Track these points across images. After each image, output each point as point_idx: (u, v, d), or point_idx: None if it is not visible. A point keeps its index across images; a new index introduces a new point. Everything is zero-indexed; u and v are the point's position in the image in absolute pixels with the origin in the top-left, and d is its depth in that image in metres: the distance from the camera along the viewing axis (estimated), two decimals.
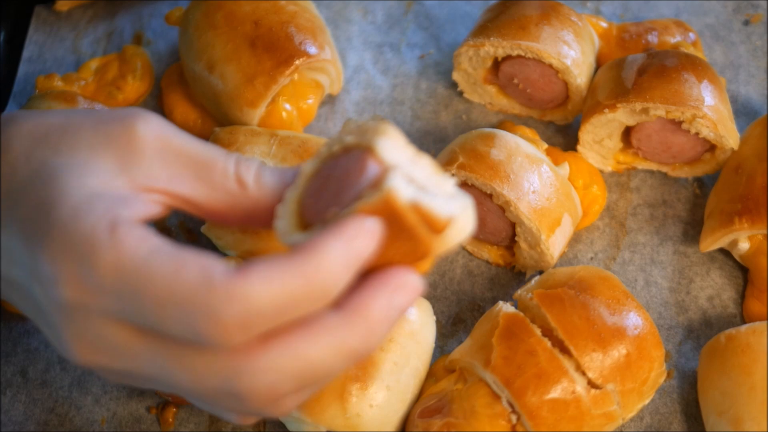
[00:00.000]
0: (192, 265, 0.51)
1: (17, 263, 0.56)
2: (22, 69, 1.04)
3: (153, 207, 0.57)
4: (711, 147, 0.90)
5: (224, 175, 0.58)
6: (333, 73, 0.96)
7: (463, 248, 0.92)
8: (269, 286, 0.50)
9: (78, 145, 0.56)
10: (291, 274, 0.51)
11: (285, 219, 0.56)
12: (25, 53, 1.05)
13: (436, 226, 0.53)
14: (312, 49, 0.91)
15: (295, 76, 0.92)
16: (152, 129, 0.57)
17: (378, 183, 0.53)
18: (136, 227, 0.53)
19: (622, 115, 0.88)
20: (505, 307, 0.80)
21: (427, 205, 0.52)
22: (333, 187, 0.55)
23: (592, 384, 0.76)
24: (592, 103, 0.91)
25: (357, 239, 0.52)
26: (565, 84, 0.93)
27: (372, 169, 0.54)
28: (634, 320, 0.78)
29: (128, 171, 0.56)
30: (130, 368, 0.55)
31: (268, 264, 0.51)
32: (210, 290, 0.50)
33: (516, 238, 0.87)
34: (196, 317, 0.50)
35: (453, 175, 0.84)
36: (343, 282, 0.52)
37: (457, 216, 0.54)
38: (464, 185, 0.85)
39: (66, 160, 0.55)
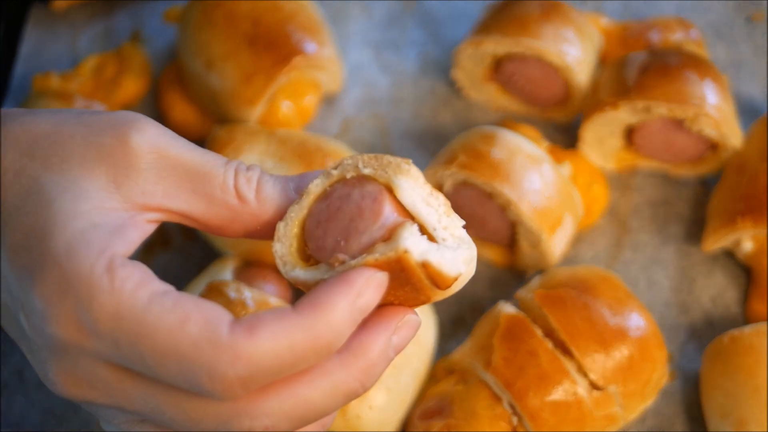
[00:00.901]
0: (196, 319, 0.50)
1: (5, 288, 0.55)
2: (19, 68, 1.04)
3: (148, 227, 0.56)
4: (714, 146, 0.89)
5: (223, 189, 0.56)
6: (332, 71, 0.96)
7: None
8: (276, 345, 0.50)
9: (69, 159, 0.55)
10: (299, 333, 0.50)
11: (285, 243, 0.55)
12: (22, 52, 1.05)
13: (441, 284, 0.53)
14: (311, 47, 0.91)
15: (294, 74, 0.92)
16: (147, 140, 0.56)
17: (392, 236, 0.52)
18: (135, 269, 0.51)
19: (624, 114, 0.88)
20: (506, 308, 0.79)
21: (437, 265, 0.52)
22: (342, 222, 0.53)
23: (593, 385, 0.76)
24: (593, 101, 0.91)
25: (364, 295, 0.52)
26: (566, 82, 0.93)
27: (388, 215, 0.53)
28: (636, 321, 0.78)
29: (122, 189, 0.55)
30: (120, 405, 0.54)
31: (275, 321, 0.51)
32: (215, 348, 0.50)
33: (517, 238, 0.87)
34: (199, 374, 0.50)
35: (452, 174, 0.84)
36: (347, 335, 0.52)
37: (464, 272, 0.54)
38: (464, 184, 0.85)
39: (58, 177, 0.54)
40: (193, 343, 0.50)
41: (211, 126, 0.95)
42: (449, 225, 0.55)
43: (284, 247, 0.55)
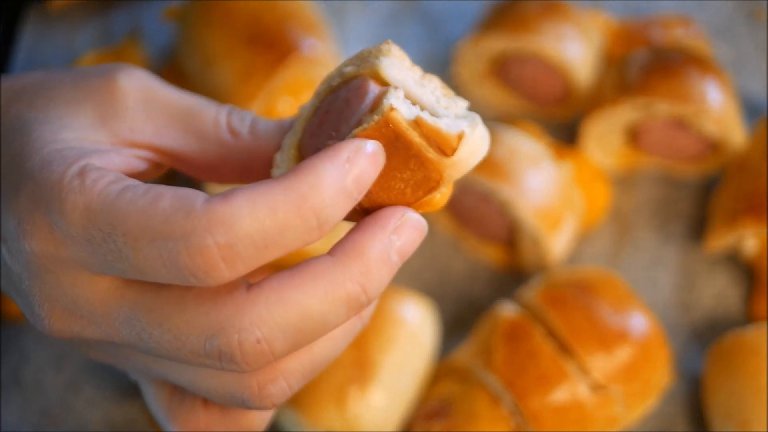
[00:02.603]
0: (169, 196, 0.46)
1: None
2: (17, 66, 1.04)
3: (135, 162, 0.53)
4: (716, 144, 0.89)
5: (215, 126, 0.54)
6: (332, 69, 0.95)
7: (463, 247, 0.91)
8: (256, 210, 0.45)
9: (55, 99, 0.53)
10: (280, 196, 0.46)
11: (284, 167, 0.52)
12: (20, 50, 1.05)
13: (445, 146, 0.49)
14: (309, 45, 0.91)
15: (293, 71, 0.92)
16: (135, 80, 0.54)
17: (377, 104, 0.48)
18: (109, 173, 0.48)
19: (625, 111, 0.88)
20: (507, 308, 0.79)
21: (432, 123, 0.48)
22: (332, 120, 0.50)
23: (595, 386, 0.75)
24: (594, 98, 0.91)
25: (355, 162, 0.47)
26: (566, 80, 0.93)
27: (373, 92, 0.49)
28: (638, 321, 0.78)
29: (109, 124, 0.53)
30: (107, 335, 0.50)
31: (253, 186, 0.46)
32: (189, 216, 0.45)
33: (517, 237, 0.87)
34: (175, 248, 0.45)
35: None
36: (339, 210, 0.47)
37: (467, 132, 0.49)
38: (464, 183, 0.85)
39: (42, 114, 0.52)
40: (165, 219, 0.46)
41: None
42: (450, 105, 0.51)
43: (281, 170, 0.52)
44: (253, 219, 0.45)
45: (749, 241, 0.86)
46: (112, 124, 0.53)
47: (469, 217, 0.89)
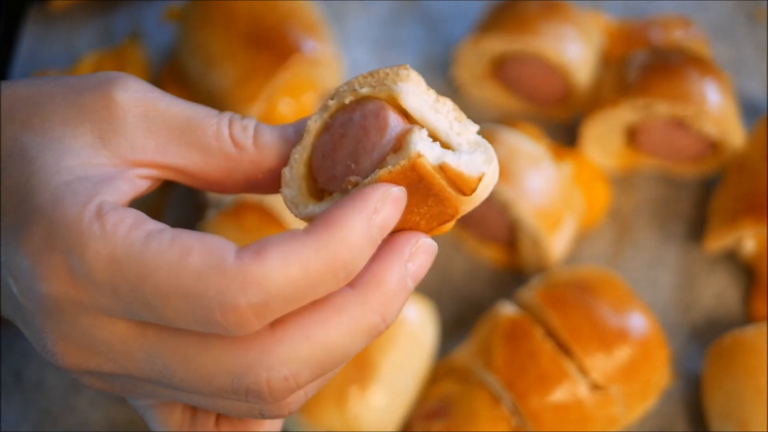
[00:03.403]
0: (198, 250, 0.46)
1: None
2: (18, 67, 1.04)
3: (140, 183, 0.52)
4: (715, 144, 0.89)
5: (218, 138, 0.52)
6: (331, 69, 0.95)
7: (463, 247, 0.91)
8: (289, 269, 0.46)
9: (50, 118, 0.51)
10: (312, 254, 0.46)
11: (294, 186, 0.52)
12: (21, 51, 1.05)
13: (465, 187, 0.50)
14: (309, 45, 0.91)
15: (293, 72, 0.92)
16: (132, 94, 0.52)
17: (401, 144, 0.49)
18: (126, 212, 0.48)
19: (624, 112, 0.88)
20: (506, 308, 0.79)
21: (455, 167, 0.49)
22: (349, 147, 0.50)
23: (595, 386, 0.75)
24: (594, 99, 0.90)
25: (382, 211, 0.48)
26: (566, 80, 0.93)
27: (393, 125, 0.49)
28: (638, 321, 0.78)
29: (109, 145, 0.51)
30: (126, 370, 0.50)
31: (286, 243, 0.46)
32: (222, 276, 0.45)
33: (517, 237, 0.86)
34: (208, 307, 0.46)
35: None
36: (365, 258, 0.48)
37: (486, 173, 0.50)
38: None
39: (39, 137, 0.51)
40: (197, 276, 0.46)
41: None
42: (462, 131, 0.51)
43: (293, 190, 0.52)
44: (286, 278, 0.46)
45: (749, 241, 0.86)
46: (113, 143, 0.51)
47: (469, 217, 0.88)
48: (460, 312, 0.88)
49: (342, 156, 0.50)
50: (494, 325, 0.78)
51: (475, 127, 0.52)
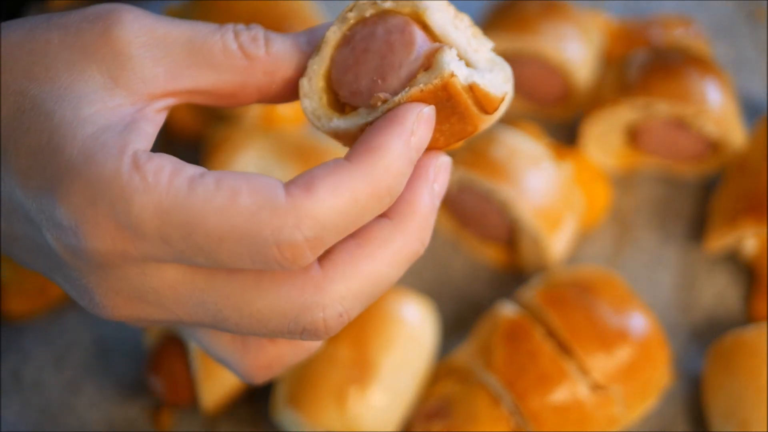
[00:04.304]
0: (246, 190, 0.46)
1: (21, 217, 0.50)
2: None
3: (159, 117, 0.51)
4: (715, 144, 0.89)
5: (227, 53, 0.51)
6: None
7: (463, 247, 0.91)
8: (339, 200, 0.46)
9: (54, 65, 0.50)
10: (359, 183, 0.47)
11: (314, 98, 0.51)
12: None
13: (489, 107, 0.50)
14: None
15: None
16: (129, 26, 0.51)
17: (430, 63, 0.49)
18: (162, 159, 0.47)
19: (625, 111, 0.88)
20: (507, 308, 0.79)
21: (483, 87, 0.49)
22: (373, 62, 0.50)
23: (595, 386, 0.75)
24: (594, 98, 0.90)
25: (417, 133, 0.48)
26: (567, 80, 0.92)
27: (421, 44, 0.49)
28: (638, 321, 0.77)
29: (121, 82, 0.50)
30: (177, 317, 0.50)
31: (333, 174, 0.47)
32: (276, 214, 0.46)
33: (517, 237, 0.86)
34: (265, 246, 0.46)
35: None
36: (406, 180, 0.49)
37: (509, 93, 0.51)
38: (464, 183, 0.84)
39: (49, 87, 0.49)
40: (250, 216, 0.46)
41: (208, 124, 0.94)
42: (479, 47, 0.52)
43: (313, 102, 0.51)
44: (337, 209, 0.47)
45: (749, 241, 0.86)
46: (124, 80, 0.50)
47: (469, 217, 0.89)
48: (460, 312, 0.88)
49: (366, 71, 0.50)
50: (494, 325, 0.78)
51: (490, 44, 0.52)
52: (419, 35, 0.49)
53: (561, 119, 0.97)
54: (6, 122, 0.49)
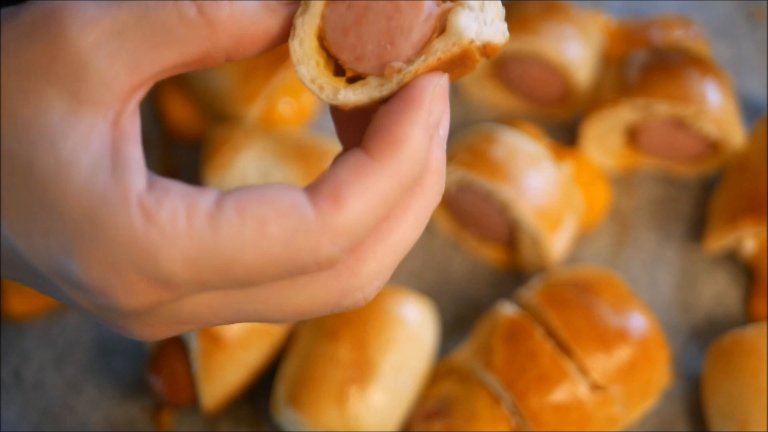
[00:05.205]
0: (273, 217, 0.44)
1: (29, 272, 0.48)
2: None
3: (135, 119, 0.47)
4: (715, 144, 0.89)
5: (185, 23, 0.46)
6: None
7: (463, 247, 0.91)
8: (368, 204, 0.45)
9: (7, 100, 0.45)
10: (386, 181, 0.46)
11: (310, 63, 0.47)
12: None
13: (491, 54, 0.48)
14: None
15: (292, 71, 0.91)
16: (75, 27, 0.45)
17: (445, 26, 0.46)
18: (171, 198, 0.44)
19: (624, 111, 0.88)
20: (506, 308, 0.79)
21: (493, 41, 0.47)
22: (378, 23, 0.46)
23: (595, 386, 0.75)
24: (594, 99, 0.90)
25: (435, 110, 0.47)
26: (567, 80, 0.92)
27: (430, 3, 0.46)
28: (638, 321, 0.77)
29: (85, 97, 0.45)
30: (213, 324, 0.50)
31: (359, 179, 0.45)
32: (310, 236, 0.44)
33: (517, 237, 0.86)
34: (303, 266, 0.45)
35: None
36: (427, 157, 0.48)
37: (507, 35, 0.49)
38: (464, 183, 0.84)
39: (10, 128, 0.45)
40: (286, 245, 0.44)
41: (208, 125, 0.94)
42: None
43: (310, 68, 0.47)
44: (368, 213, 0.46)
45: (749, 241, 0.86)
46: (87, 95, 0.45)
47: (469, 217, 0.89)
48: (460, 312, 0.88)
49: (370, 33, 0.46)
50: (494, 325, 0.78)
51: None
52: None
53: (561, 119, 0.97)
54: None
